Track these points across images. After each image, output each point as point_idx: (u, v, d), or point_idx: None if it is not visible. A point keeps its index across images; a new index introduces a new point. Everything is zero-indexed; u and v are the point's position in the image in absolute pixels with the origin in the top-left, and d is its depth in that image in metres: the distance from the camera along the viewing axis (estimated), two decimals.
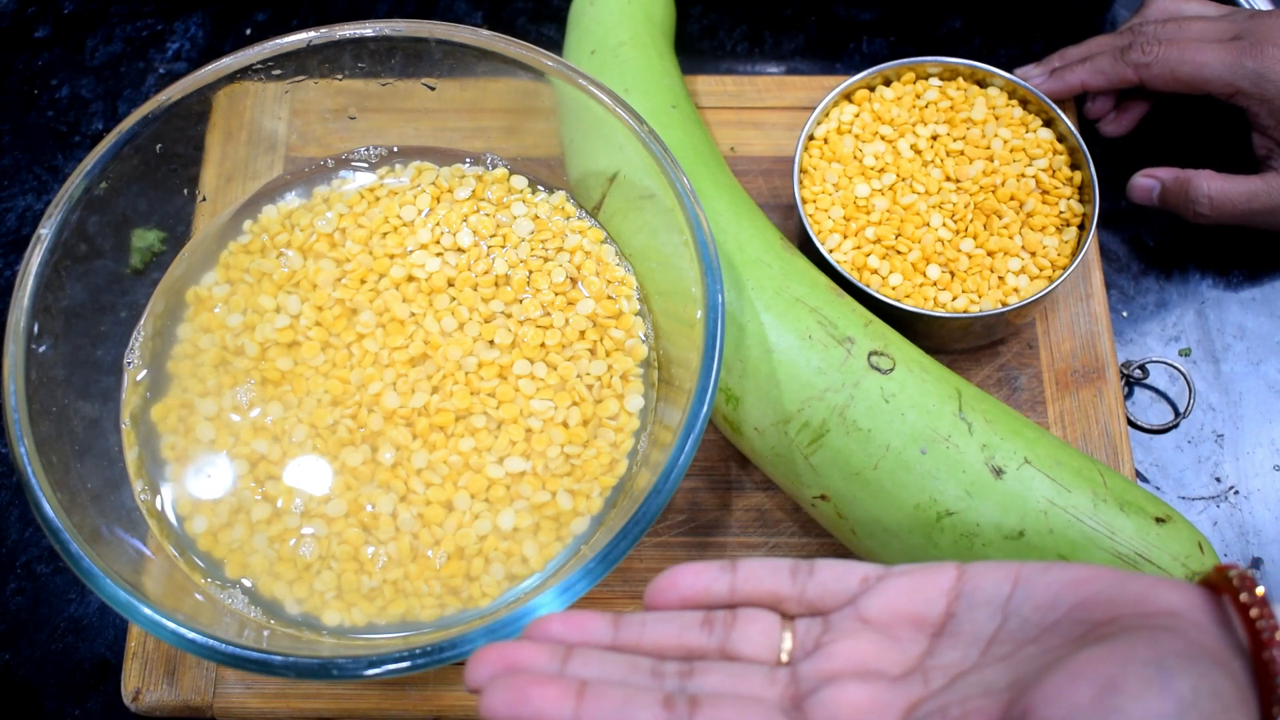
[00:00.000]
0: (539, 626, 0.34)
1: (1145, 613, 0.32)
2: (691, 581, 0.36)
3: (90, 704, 0.54)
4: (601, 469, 0.51)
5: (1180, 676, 0.29)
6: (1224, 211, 0.60)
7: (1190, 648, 0.30)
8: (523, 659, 0.32)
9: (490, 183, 0.58)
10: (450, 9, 0.73)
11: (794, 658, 0.34)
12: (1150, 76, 0.61)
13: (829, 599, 0.35)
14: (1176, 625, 0.31)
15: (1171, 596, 0.33)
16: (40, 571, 0.57)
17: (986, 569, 0.35)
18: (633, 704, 0.31)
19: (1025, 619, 0.33)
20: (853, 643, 0.34)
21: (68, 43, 0.72)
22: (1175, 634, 0.31)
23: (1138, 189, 0.62)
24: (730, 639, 0.34)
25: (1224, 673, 0.30)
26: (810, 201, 0.58)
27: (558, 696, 0.31)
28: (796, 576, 0.36)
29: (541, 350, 0.53)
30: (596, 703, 0.31)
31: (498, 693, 0.31)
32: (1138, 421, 0.60)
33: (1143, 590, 0.33)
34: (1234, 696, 0.29)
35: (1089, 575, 0.34)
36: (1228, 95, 0.60)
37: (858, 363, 0.50)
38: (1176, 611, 0.32)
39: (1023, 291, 0.55)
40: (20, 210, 0.67)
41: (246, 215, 0.57)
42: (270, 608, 0.48)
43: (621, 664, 0.33)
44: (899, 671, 0.33)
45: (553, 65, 0.53)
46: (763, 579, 0.36)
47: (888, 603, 0.35)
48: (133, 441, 0.51)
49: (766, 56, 0.72)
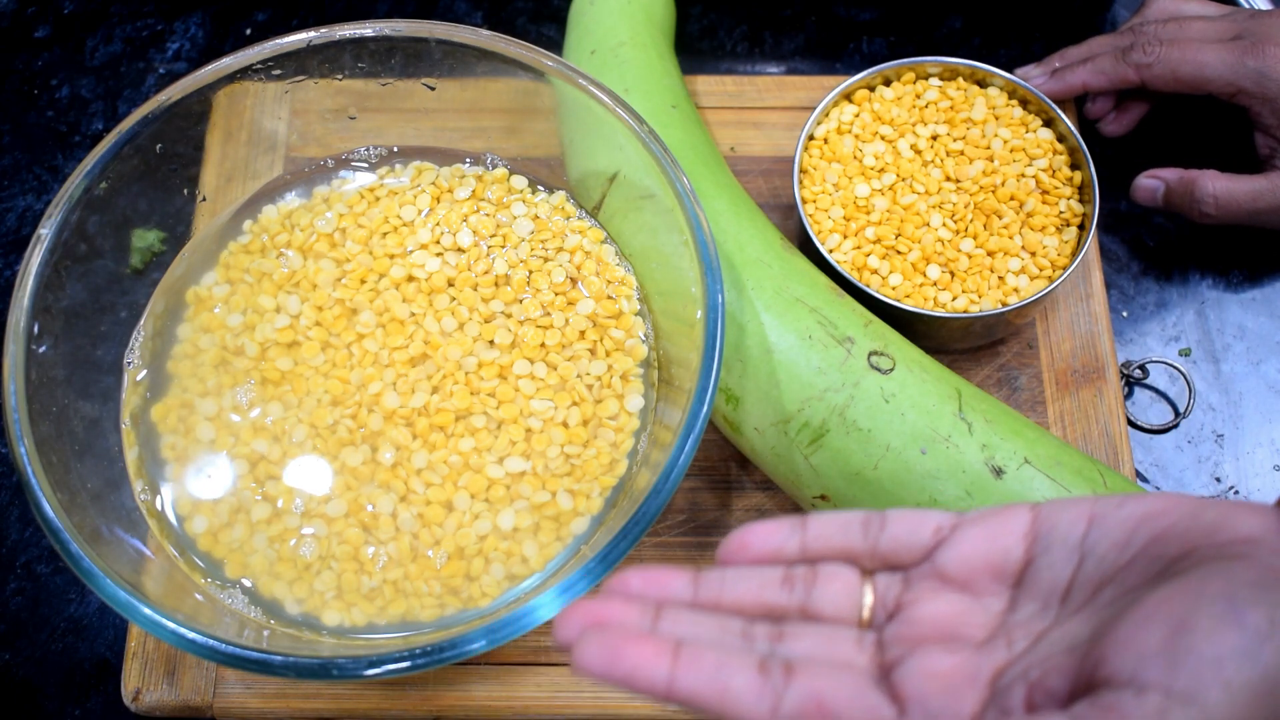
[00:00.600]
0: (620, 582, 0.33)
1: (1220, 542, 0.31)
2: (762, 543, 0.35)
3: (90, 704, 0.54)
4: (601, 469, 0.51)
5: (1253, 608, 0.28)
6: (1229, 211, 0.60)
7: (1266, 575, 0.29)
8: (614, 615, 0.32)
9: (490, 183, 0.58)
10: (450, 9, 0.73)
11: (876, 617, 0.34)
12: (1151, 76, 0.61)
13: (903, 553, 0.35)
14: (1253, 552, 0.30)
15: (1249, 522, 0.31)
16: (40, 571, 0.57)
17: (1061, 507, 0.34)
18: (729, 668, 0.30)
19: (1101, 558, 0.33)
20: (934, 605, 0.33)
21: (68, 43, 0.72)
22: (1250, 562, 0.30)
23: (1141, 190, 0.62)
24: (811, 597, 0.34)
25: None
26: (810, 201, 0.58)
27: (653, 654, 0.30)
28: (868, 531, 0.35)
29: (541, 350, 0.53)
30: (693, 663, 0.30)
31: (591, 646, 0.30)
32: (1138, 421, 0.60)
33: (1219, 518, 0.31)
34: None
35: (1163, 507, 0.32)
36: (1229, 95, 0.60)
37: (858, 363, 0.50)
38: (1254, 538, 0.31)
39: (1023, 291, 0.55)
40: (20, 210, 0.67)
41: (246, 215, 0.57)
42: (270, 608, 0.48)
43: (713, 624, 0.33)
44: (983, 635, 0.33)
45: (553, 65, 0.53)
46: (833, 536, 0.35)
47: (965, 555, 0.34)
48: (133, 441, 0.51)
49: (766, 56, 0.72)
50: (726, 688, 0.30)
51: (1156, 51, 0.60)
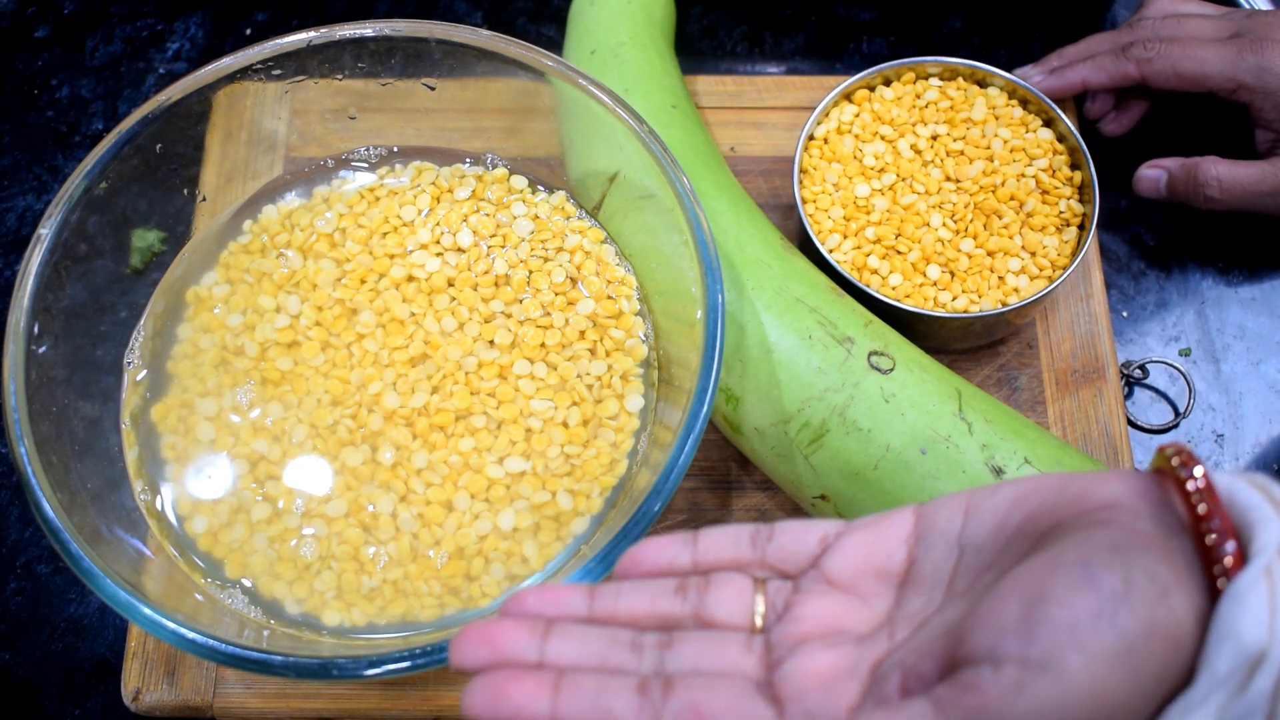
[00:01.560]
0: (516, 602, 0.34)
1: (1084, 511, 0.31)
2: (655, 557, 0.35)
3: (90, 704, 0.54)
4: (601, 469, 0.51)
5: (1107, 570, 0.28)
6: (1233, 194, 0.59)
7: (1121, 538, 0.29)
8: (503, 637, 0.32)
9: (490, 183, 0.58)
10: (450, 9, 0.73)
11: (767, 621, 0.34)
12: (1152, 73, 0.61)
13: (791, 561, 0.35)
14: (1113, 518, 0.30)
15: (1111, 488, 0.32)
16: (40, 571, 0.57)
17: (940, 504, 0.34)
18: (607, 693, 0.31)
19: (980, 548, 0.33)
20: (820, 604, 0.34)
21: (68, 43, 0.72)
22: (1108, 527, 0.30)
23: (1144, 181, 0.62)
24: (704, 604, 0.34)
25: (1158, 556, 0.29)
26: (810, 201, 0.58)
27: (534, 690, 0.31)
28: (756, 542, 0.36)
29: (541, 350, 0.53)
30: (573, 693, 0.31)
31: (478, 693, 0.31)
32: (1138, 421, 0.60)
33: (1083, 489, 0.32)
34: (1171, 578, 0.29)
35: (1033, 487, 0.33)
36: (1229, 91, 0.60)
37: (858, 363, 0.50)
38: (1114, 503, 0.31)
39: (1023, 291, 0.55)
40: (20, 210, 0.67)
41: (246, 215, 0.57)
42: (270, 608, 0.48)
43: (600, 640, 0.33)
44: (867, 629, 0.33)
45: (553, 65, 0.53)
46: (723, 548, 0.36)
47: (849, 560, 0.34)
48: (133, 441, 0.51)
49: (766, 56, 0.72)
50: (608, 712, 0.30)
51: (1156, 48, 0.60)
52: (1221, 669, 0.28)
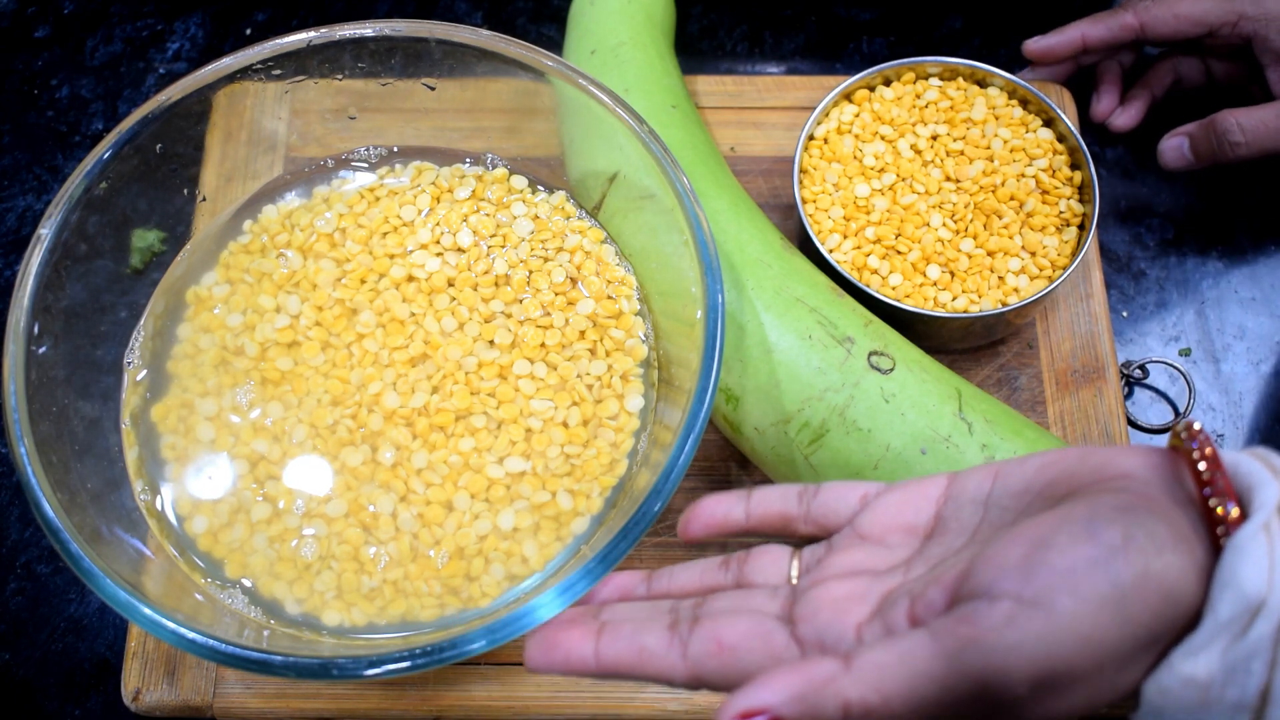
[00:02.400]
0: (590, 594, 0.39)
1: (1101, 479, 0.33)
2: (712, 509, 0.40)
3: (90, 704, 0.54)
4: (601, 469, 0.51)
5: (1109, 525, 0.31)
6: (1258, 135, 0.59)
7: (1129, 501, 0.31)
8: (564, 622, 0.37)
9: (490, 183, 0.58)
10: (450, 9, 0.73)
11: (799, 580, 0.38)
12: (1150, 19, 0.61)
13: (832, 517, 0.38)
14: (1126, 486, 0.33)
15: (1128, 461, 0.34)
16: (40, 571, 0.57)
17: (972, 473, 0.37)
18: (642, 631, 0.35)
19: (1004, 508, 0.35)
20: (847, 555, 0.37)
21: (68, 43, 0.72)
22: (1119, 493, 0.32)
23: (1168, 151, 0.62)
24: (744, 572, 0.38)
25: (1160, 519, 0.31)
26: (810, 201, 0.58)
27: (580, 637, 0.35)
28: (803, 499, 0.39)
29: (541, 350, 0.53)
30: (613, 635, 0.35)
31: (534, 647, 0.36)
32: (1138, 421, 0.60)
33: (1104, 460, 0.34)
34: (1170, 538, 0.30)
35: (1057, 456, 0.35)
36: (1231, 25, 0.59)
37: (858, 363, 0.50)
38: (1130, 474, 0.33)
39: (1023, 291, 0.55)
40: (20, 210, 0.67)
41: (246, 215, 0.57)
42: (270, 608, 0.48)
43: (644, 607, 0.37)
44: (885, 568, 0.36)
45: (553, 65, 0.53)
46: (773, 503, 0.39)
47: (881, 516, 0.37)
48: (133, 441, 0.51)
49: (766, 56, 0.72)
50: (641, 648, 0.35)
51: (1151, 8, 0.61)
52: (1224, 615, 0.30)
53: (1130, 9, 0.61)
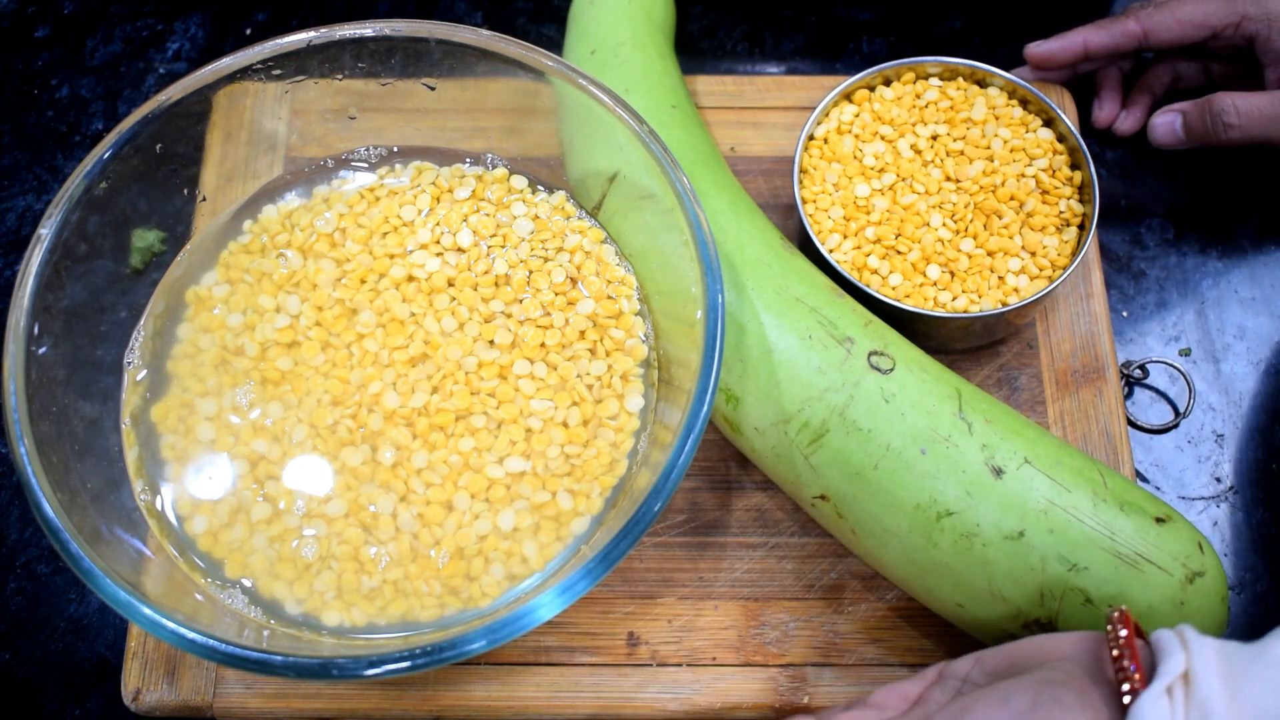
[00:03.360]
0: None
1: (1044, 660, 0.39)
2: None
3: (90, 704, 0.54)
4: (601, 469, 0.51)
5: (1022, 694, 0.36)
6: (1252, 119, 0.59)
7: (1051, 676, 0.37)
8: None
9: (490, 183, 0.58)
10: (450, 9, 0.73)
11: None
12: (1153, 25, 0.61)
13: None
14: (1058, 665, 0.38)
15: (1069, 647, 0.39)
16: (40, 571, 0.57)
17: (962, 659, 0.43)
18: None
19: (975, 684, 0.41)
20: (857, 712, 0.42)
21: (68, 43, 0.72)
22: (1050, 669, 0.38)
23: (1160, 128, 0.62)
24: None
25: (1071, 690, 0.36)
26: (810, 201, 0.58)
27: None
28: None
29: (541, 350, 0.53)
30: None
31: None
32: (1138, 421, 0.60)
33: (1051, 645, 0.40)
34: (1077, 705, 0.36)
35: (1022, 644, 0.41)
36: (1234, 26, 0.59)
37: (858, 363, 0.50)
38: (1067, 655, 0.39)
39: (1023, 291, 0.55)
40: (20, 210, 0.67)
41: (246, 215, 0.57)
42: (270, 608, 0.48)
43: None
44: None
45: (553, 65, 0.53)
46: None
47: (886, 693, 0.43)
48: (133, 441, 0.51)
49: (766, 56, 0.72)
50: None
51: (1154, 14, 0.61)
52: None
53: (1133, 16, 0.61)
